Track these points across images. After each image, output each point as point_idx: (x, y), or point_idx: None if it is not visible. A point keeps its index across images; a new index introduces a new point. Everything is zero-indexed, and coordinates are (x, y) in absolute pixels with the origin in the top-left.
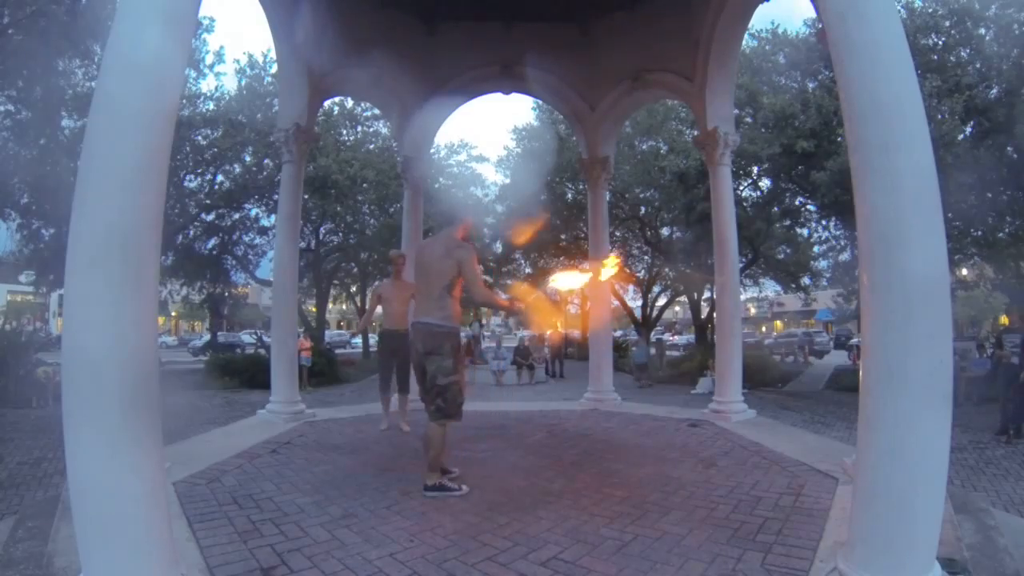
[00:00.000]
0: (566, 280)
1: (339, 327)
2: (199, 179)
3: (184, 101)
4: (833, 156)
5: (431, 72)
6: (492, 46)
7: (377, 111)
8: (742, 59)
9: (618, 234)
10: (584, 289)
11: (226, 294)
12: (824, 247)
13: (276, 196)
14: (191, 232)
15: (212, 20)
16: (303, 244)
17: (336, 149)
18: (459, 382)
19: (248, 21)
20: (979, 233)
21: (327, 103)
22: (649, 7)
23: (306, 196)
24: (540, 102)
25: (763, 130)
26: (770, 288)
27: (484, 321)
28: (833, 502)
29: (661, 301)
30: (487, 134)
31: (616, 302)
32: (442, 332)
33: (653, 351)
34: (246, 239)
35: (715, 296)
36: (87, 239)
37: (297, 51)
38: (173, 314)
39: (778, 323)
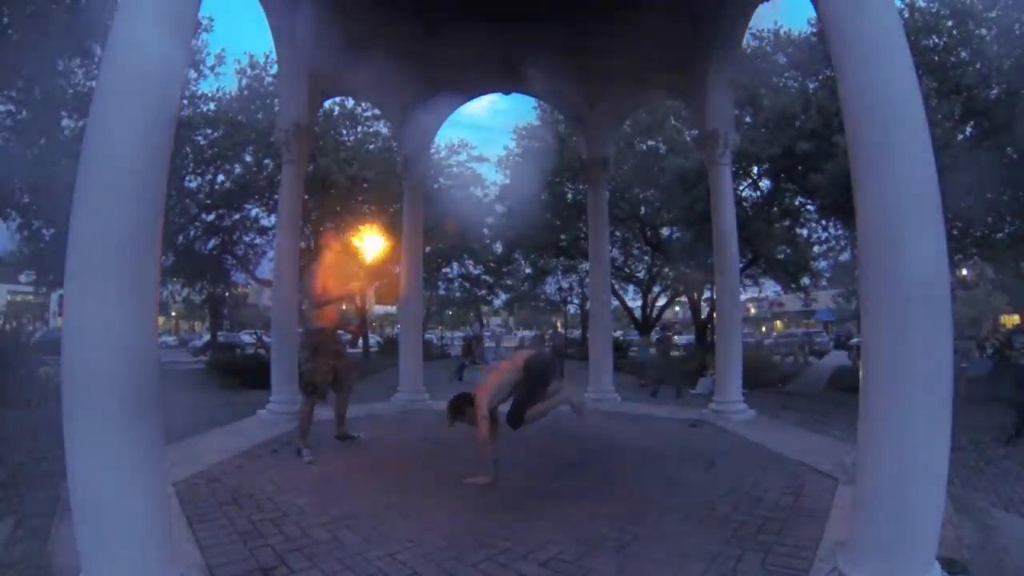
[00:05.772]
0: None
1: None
2: (199, 179)
3: (184, 101)
4: (831, 158)
5: (431, 72)
6: (492, 46)
7: (377, 111)
8: (742, 59)
9: (618, 234)
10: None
11: (226, 294)
12: (824, 247)
13: (276, 196)
14: (191, 232)
15: (211, 20)
16: (303, 244)
17: (336, 149)
18: (308, 369)
19: (248, 21)
20: (979, 233)
21: (327, 103)
22: (649, 8)
23: (306, 196)
24: (541, 101)
25: (763, 131)
26: (770, 288)
27: (484, 321)
28: (833, 502)
29: (661, 301)
30: (487, 134)
31: (616, 302)
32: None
33: (652, 351)
34: (246, 239)
35: (715, 296)
36: (87, 239)
37: (297, 51)
38: (173, 314)
39: (778, 323)
